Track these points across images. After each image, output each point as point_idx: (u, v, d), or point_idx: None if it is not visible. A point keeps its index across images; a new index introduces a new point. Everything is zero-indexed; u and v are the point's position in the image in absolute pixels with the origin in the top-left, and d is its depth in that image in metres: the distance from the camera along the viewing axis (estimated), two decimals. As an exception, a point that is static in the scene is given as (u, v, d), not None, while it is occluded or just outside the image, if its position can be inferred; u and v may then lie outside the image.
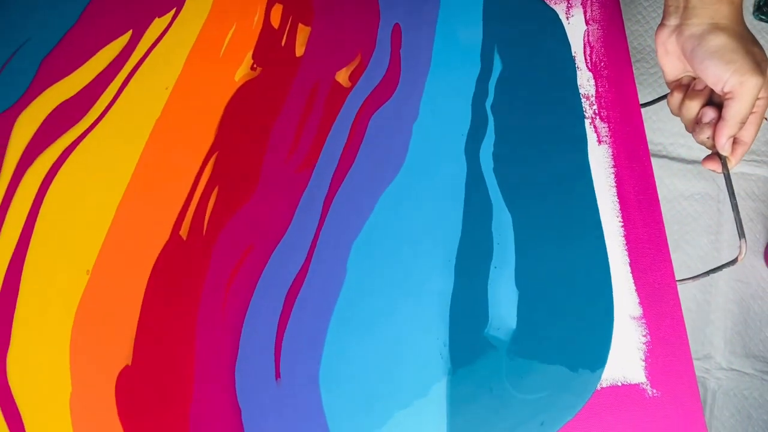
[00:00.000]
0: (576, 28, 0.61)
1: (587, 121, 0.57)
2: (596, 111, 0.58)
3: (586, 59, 0.60)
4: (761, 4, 0.89)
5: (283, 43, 0.59)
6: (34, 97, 0.54)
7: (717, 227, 0.85)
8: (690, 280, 0.56)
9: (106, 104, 0.55)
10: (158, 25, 0.58)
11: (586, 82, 0.59)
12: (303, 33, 0.59)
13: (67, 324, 0.49)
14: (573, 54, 0.59)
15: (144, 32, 0.58)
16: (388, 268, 0.51)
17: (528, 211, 0.53)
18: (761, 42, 0.90)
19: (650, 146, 0.83)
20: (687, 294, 0.84)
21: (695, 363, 0.82)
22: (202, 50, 0.58)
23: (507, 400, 0.48)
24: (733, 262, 0.53)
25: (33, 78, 0.55)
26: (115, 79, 0.56)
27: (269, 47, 0.58)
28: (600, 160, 0.57)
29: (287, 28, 0.59)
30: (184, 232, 0.52)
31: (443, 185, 0.54)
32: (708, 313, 0.84)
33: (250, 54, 0.58)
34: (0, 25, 0.56)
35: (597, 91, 0.59)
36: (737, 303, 0.85)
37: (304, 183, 0.54)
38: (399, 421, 0.47)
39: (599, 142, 0.57)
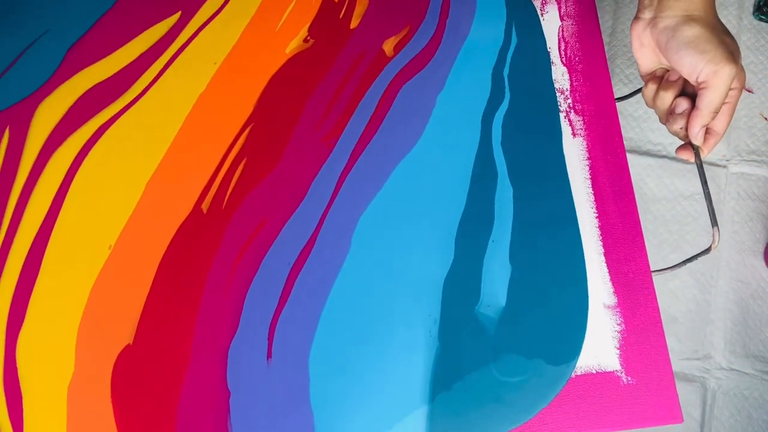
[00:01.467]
0: (550, 24, 0.62)
1: (562, 115, 0.59)
2: (570, 105, 0.59)
3: (560, 54, 0.61)
4: (761, 4, 0.91)
5: (341, 16, 0.59)
6: (62, 82, 0.53)
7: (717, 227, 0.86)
8: (666, 271, 0.57)
9: (149, 81, 0.55)
10: (212, 3, 0.58)
11: (560, 76, 0.60)
12: (361, 5, 0.59)
13: (81, 301, 0.48)
14: (548, 49, 0.61)
15: (196, 11, 0.57)
16: (391, 241, 0.52)
17: (527, 186, 0.54)
18: (761, 42, 0.92)
19: (650, 146, 0.84)
20: (687, 294, 0.85)
21: (695, 363, 0.83)
22: (258, 24, 0.58)
23: (489, 382, 0.49)
24: (708, 250, 0.54)
25: (58, 65, 0.54)
26: (160, 57, 0.55)
27: (326, 20, 0.58)
28: (575, 152, 0.58)
29: (347, 1, 0.60)
30: (205, 205, 0.51)
31: (456, 156, 0.55)
32: (708, 313, 0.85)
33: (306, 27, 0.58)
34: (18, 16, 0.56)
35: (572, 85, 0.60)
36: (737, 303, 0.85)
37: (327, 154, 0.54)
38: (380, 406, 0.48)
39: (573, 135, 0.58)
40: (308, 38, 0.58)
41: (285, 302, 0.49)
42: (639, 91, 0.60)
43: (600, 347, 0.53)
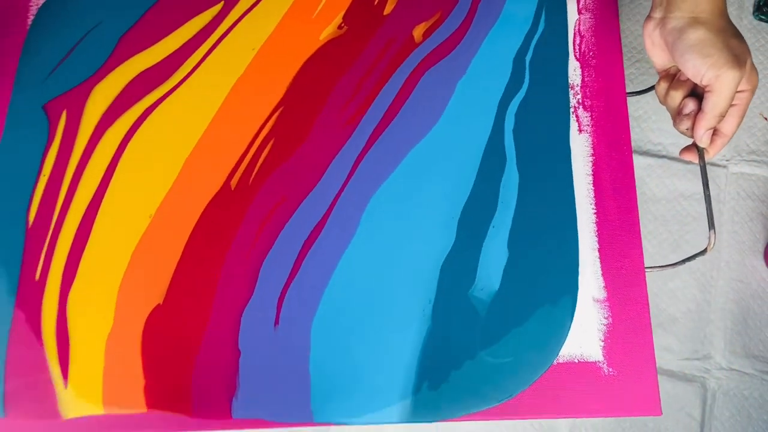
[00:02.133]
0: (568, 17, 0.62)
1: (570, 110, 0.59)
2: (579, 100, 0.60)
3: (575, 49, 0.62)
4: (761, 4, 0.85)
5: (376, 2, 0.62)
6: (114, 68, 0.59)
7: (717, 227, 0.84)
8: (658, 269, 0.57)
9: (191, 67, 0.60)
10: None
11: (572, 71, 0.61)
12: None
13: (123, 264, 0.55)
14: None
15: (236, 2, 0.62)
16: (397, 223, 0.56)
17: (532, 175, 0.57)
18: (761, 42, 0.88)
19: (650, 146, 0.83)
20: (687, 294, 0.84)
21: (695, 363, 0.82)
22: (296, 12, 0.61)
23: (475, 361, 0.53)
24: (703, 252, 0.55)
25: (110, 54, 0.60)
26: (203, 45, 0.60)
27: (361, 6, 0.62)
28: (579, 148, 0.59)
29: None
30: (234, 182, 0.57)
31: (468, 142, 0.57)
32: (708, 313, 0.84)
33: (342, 14, 0.62)
34: (75, 10, 0.61)
35: (583, 80, 0.60)
36: (737, 303, 0.84)
37: (347, 137, 0.58)
38: (372, 377, 0.52)
39: (580, 131, 0.59)
40: (342, 25, 0.61)
41: (295, 275, 0.54)
42: (652, 88, 0.59)
43: (585, 338, 0.55)
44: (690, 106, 0.54)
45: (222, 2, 0.61)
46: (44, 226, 0.55)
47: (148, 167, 0.57)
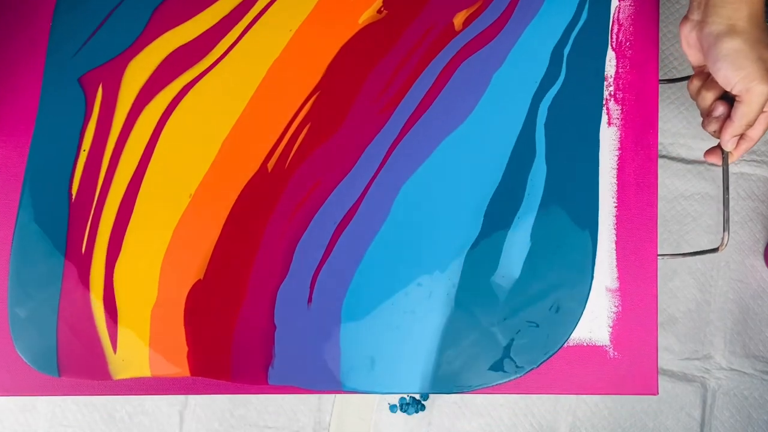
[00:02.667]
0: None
1: (600, 102, 0.60)
2: (611, 93, 0.60)
3: (611, 38, 0.61)
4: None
5: None
6: (149, 42, 0.59)
7: (717, 227, 0.84)
8: (669, 257, 0.60)
9: (228, 45, 0.59)
10: None
11: (607, 62, 0.60)
12: None
13: (165, 240, 0.57)
14: None
15: None
16: (427, 210, 0.58)
17: (559, 169, 0.58)
18: None
19: None
20: (687, 294, 0.84)
21: (695, 363, 0.83)
22: (336, -7, 0.61)
23: (491, 341, 0.57)
24: (715, 250, 0.58)
25: (145, 26, 0.59)
26: (239, 23, 0.60)
27: None
28: (607, 141, 0.60)
29: None
30: (271, 164, 0.58)
31: (500, 134, 0.58)
32: (708, 313, 0.84)
33: None
34: None
35: (617, 72, 0.60)
36: (737, 303, 0.84)
37: (381, 125, 0.59)
38: (397, 350, 0.56)
39: (609, 124, 0.60)
40: (382, 9, 0.60)
41: (328, 256, 0.57)
42: (686, 78, 0.60)
43: (594, 324, 0.59)
44: (720, 109, 0.54)
45: (260, -20, 0.60)
46: (87, 200, 0.57)
47: (186, 147, 0.58)
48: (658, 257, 0.59)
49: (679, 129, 0.85)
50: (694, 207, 0.85)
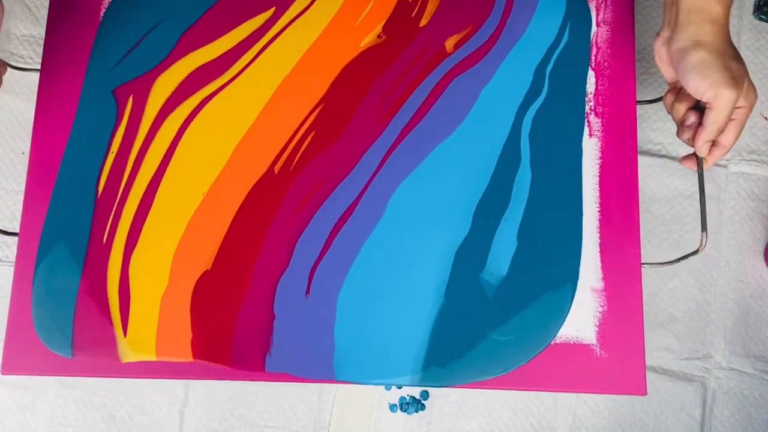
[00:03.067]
0: (588, 31, 0.66)
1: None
2: (592, 107, 0.65)
3: (590, 59, 0.66)
4: (761, 3, 0.86)
5: (413, 15, 0.68)
6: (175, 61, 0.66)
7: (717, 227, 0.85)
8: (656, 265, 0.62)
9: (244, 65, 0.66)
10: (301, 1, 0.68)
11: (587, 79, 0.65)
12: (432, 5, 0.68)
13: (178, 234, 0.62)
14: None
15: (287, 8, 0.68)
16: (419, 210, 0.62)
17: (544, 175, 0.62)
18: (761, 42, 0.89)
19: (650, 146, 0.86)
20: (687, 294, 0.85)
21: (695, 363, 0.83)
22: (340, 21, 0.67)
23: (481, 337, 0.59)
24: (695, 252, 0.60)
25: (173, 48, 0.66)
26: (255, 46, 0.66)
27: (400, 19, 0.67)
28: (589, 151, 0.64)
29: (420, 1, 0.68)
30: (277, 167, 0.63)
31: (487, 143, 0.63)
32: (708, 313, 0.84)
33: (381, 24, 0.67)
34: (141, 6, 0.68)
35: (596, 89, 0.65)
36: (737, 303, 0.84)
37: (379, 133, 0.64)
38: (388, 343, 0.59)
39: (590, 135, 0.64)
40: (381, 34, 0.67)
41: (326, 252, 0.61)
42: (660, 99, 0.64)
43: (581, 322, 0.61)
44: (692, 118, 0.58)
45: (273, 9, 0.68)
46: (111, 196, 0.62)
47: (203, 151, 0.64)
48: (643, 265, 0.62)
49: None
50: (694, 207, 0.85)
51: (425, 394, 0.83)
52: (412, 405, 0.82)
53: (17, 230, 0.65)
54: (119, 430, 0.83)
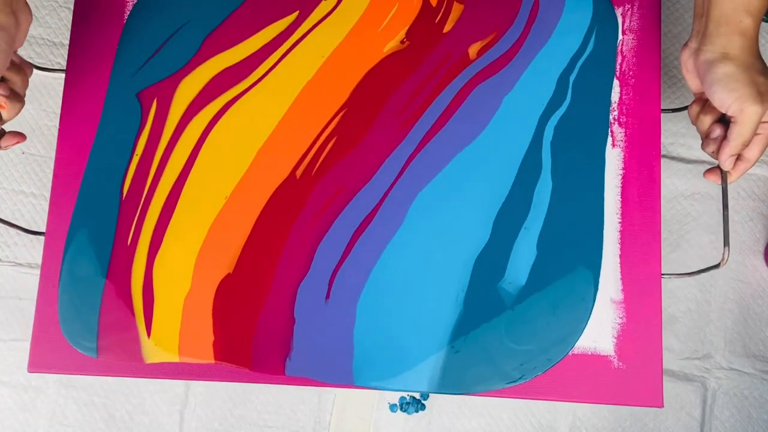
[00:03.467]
0: (614, 39, 0.65)
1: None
2: (615, 117, 0.64)
3: (616, 68, 0.65)
4: None
5: (437, 20, 0.67)
6: (199, 64, 0.66)
7: (717, 227, 0.84)
8: (676, 276, 0.62)
9: (267, 68, 0.66)
10: (325, 5, 0.68)
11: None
12: (456, 11, 0.67)
13: (201, 237, 0.62)
14: None
15: (311, 12, 0.67)
16: (439, 217, 0.62)
17: (565, 184, 0.62)
18: (761, 42, 0.86)
19: None
20: (687, 294, 0.84)
21: (695, 362, 0.83)
22: (363, 25, 0.67)
23: (499, 346, 0.59)
24: (716, 266, 0.60)
25: (197, 51, 0.66)
26: (279, 49, 0.66)
27: (423, 24, 0.67)
28: (611, 162, 0.63)
29: (444, 6, 0.67)
30: (299, 172, 0.63)
31: (508, 150, 0.63)
32: (708, 313, 0.84)
33: (405, 30, 0.67)
34: (165, 9, 0.68)
35: (620, 98, 0.64)
36: (737, 303, 0.84)
37: (400, 140, 0.64)
38: (407, 349, 0.59)
39: (613, 145, 0.64)
40: (405, 40, 0.66)
41: (346, 257, 0.61)
42: (686, 108, 0.63)
43: (599, 334, 0.61)
44: (717, 131, 0.58)
45: (297, 12, 0.67)
46: (136, 198, 0.63)
47: (226, 154, 0.64)
48: (663, 276, 0.62)
49: (679, 129, 0.86)
50: (694, 207, 0.85)
51: (425, 394, 0.83)
52: (412, 405, 0.83)
53: (27, 227, 0.66)
54: (119, 430, 0.84)
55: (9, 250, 0.88)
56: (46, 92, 0.90)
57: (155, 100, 0.65)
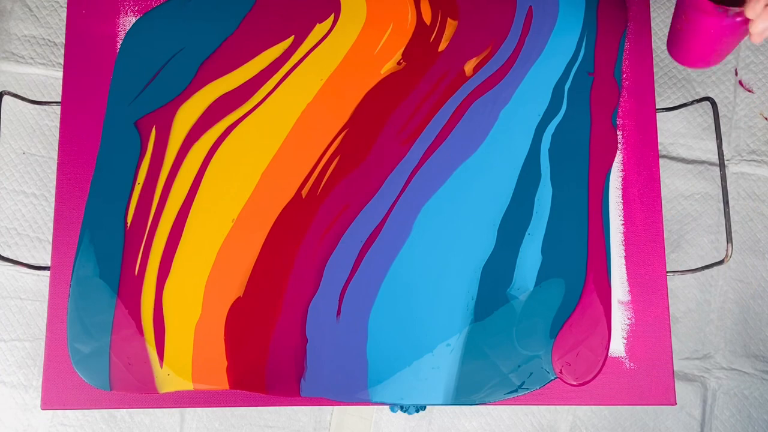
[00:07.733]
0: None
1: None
2: (614, 119, 0.63)
3: None
4: None
5: (432, 39, 0.66)
6: (196, 91, 0.64)
7: (717, 227, 0.83)
8: (679, 273, 0.61)
9: (267, 93, 0.64)
10: (320, 29, 0.66)
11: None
12: (450, 28, 0.66)
13: (210, 261, 0.60)
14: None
15: (306, 36, 0.66)
16: (445, 229, 0.61)
17: (565, 190, 0.61)
18: (761, 42, 0.85)
19: None
20: (687, 294, 0.83)
21: (695, 362, 0.82)
22: (360, 48, 0.66)
23: (510, 352, 0.58)
24: (720, 262, 0.59)
25: (193, 78, 0.64)
26: (277, 74, 0.65)
27: (419, 44, 0.66)
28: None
29: (437, 24, 0.66)
30: (305, 191, 0.62)
31: (507, 160, 0.62)
32: (708, 313, 0.83)
33: (401, 51, 0.65)
34: (159, 36, 0.66)
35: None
36: (737, 303, 0.83)
37: (402, 156, 0.62)
38: (421, 363, 0.58)
39: (612, 148, 0.63)
40: (401, 61, 0.65)
41: (355, 273, 0.59)
42: (681, 106, 0.63)
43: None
44: None
45: (292, 37, 0.65)
46: (141, 227, 0.61)
47: (230, 178, 0.62)
48: (668, 274, 0.61)
49: (679, 129, 0.86)
50: (694, 206, 0.85)
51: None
52: (413, 405, 0.81)
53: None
54: (120, 430, 0.82)
55: (10, 251, 0.86)
56: (46, 92, 0.89)
57: (154, 128, 0.63)
